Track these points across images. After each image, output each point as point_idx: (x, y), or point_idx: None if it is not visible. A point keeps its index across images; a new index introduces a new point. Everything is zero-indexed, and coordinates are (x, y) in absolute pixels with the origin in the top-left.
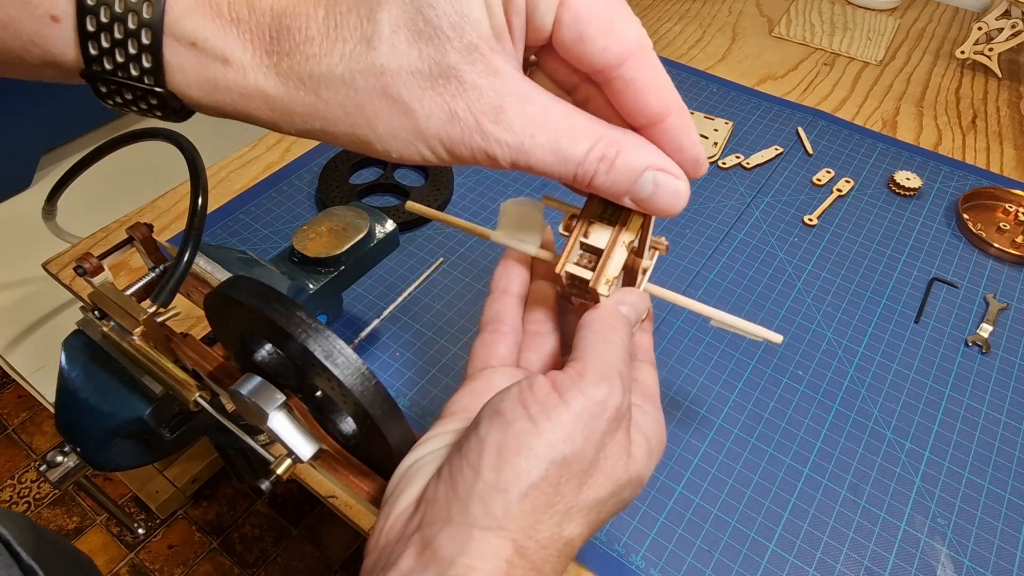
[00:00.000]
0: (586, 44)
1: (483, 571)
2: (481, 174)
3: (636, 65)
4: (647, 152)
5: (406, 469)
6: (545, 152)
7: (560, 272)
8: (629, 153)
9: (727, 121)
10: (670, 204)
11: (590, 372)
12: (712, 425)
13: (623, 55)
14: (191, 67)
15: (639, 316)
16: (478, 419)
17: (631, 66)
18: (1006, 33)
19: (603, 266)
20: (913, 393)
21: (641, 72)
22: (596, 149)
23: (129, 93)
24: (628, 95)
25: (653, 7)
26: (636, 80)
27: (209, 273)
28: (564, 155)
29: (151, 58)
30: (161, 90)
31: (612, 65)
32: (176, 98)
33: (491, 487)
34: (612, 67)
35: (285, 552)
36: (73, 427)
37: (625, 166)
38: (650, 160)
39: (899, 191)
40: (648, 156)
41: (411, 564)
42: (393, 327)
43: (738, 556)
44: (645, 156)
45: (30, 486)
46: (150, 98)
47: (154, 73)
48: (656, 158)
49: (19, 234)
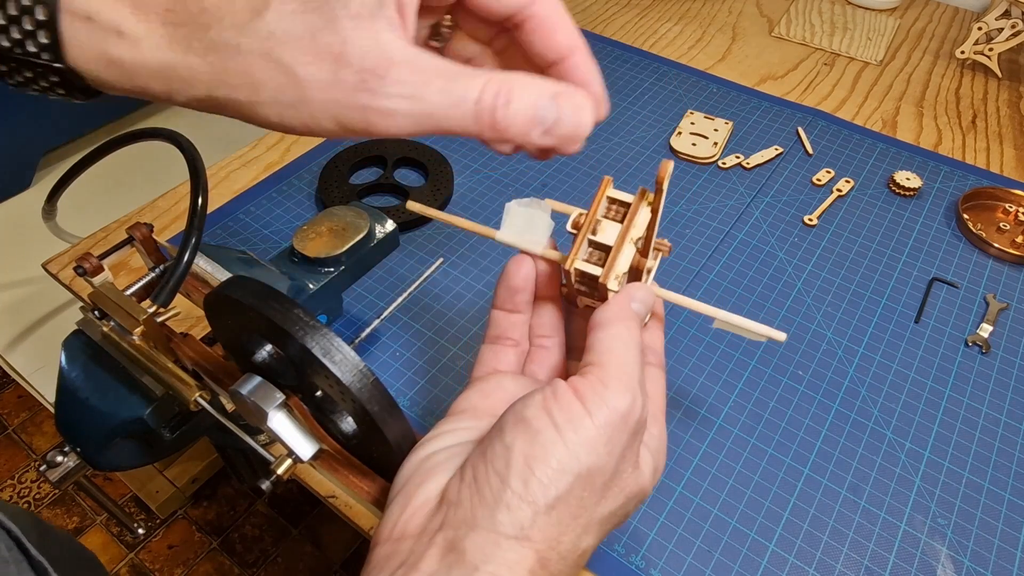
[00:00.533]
0: None
1: None
2: (481, 174)
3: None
4: (540, 81)
5: (420, 461)
6: (440, 96)
7: (570, 269)
8: (524, 84)
9: (727, 121)
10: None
11: (612, 381)
12: (712, 425)
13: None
14: (87, 41)
15: (648, 310)
16: (502, 425)
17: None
18: (1006, 33)
19: (612, 262)
20: (913, 393)
21: (547, 10)
22: (490, 86)
23: (29, 71)
24: (538, 34)
25: (653, 7)
26: (545, 18)
27: (209, 273)
28: (459, 96)
29: (48, 34)
30: (60, 66)
31: (521, 6)
32: (78, 75)
33: (518, 497)
34: (521, 8)
35: (285, 552)
36: (73, 427)
37: (523, 94)
38: (544, 85)
39: (899, 191)
40: (542, 83)
41: (434, 566)
42: (393, 327)
43: (738, 556)
44: (539, 83)
45: (30, 486)
46: (51, 75)
47: (52, 49)
48: (551, 84)
49: (19, 234)
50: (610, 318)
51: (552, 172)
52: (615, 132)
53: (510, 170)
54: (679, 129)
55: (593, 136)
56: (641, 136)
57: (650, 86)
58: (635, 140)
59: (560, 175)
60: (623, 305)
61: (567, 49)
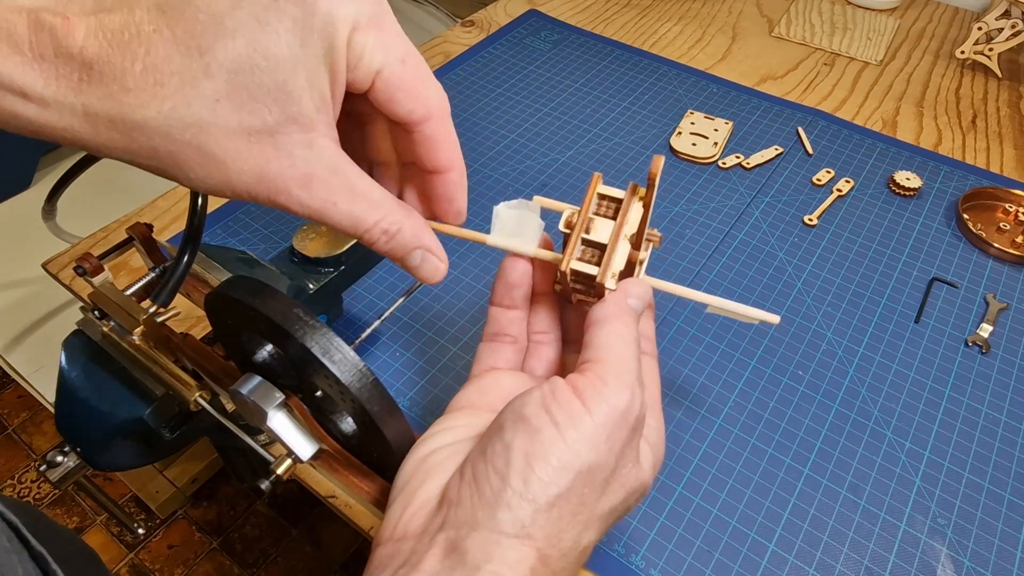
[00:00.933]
0: (395, 105)
1: None
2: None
3: (434, 126)
4: (420, 234)
5: (421, 459)
6: (342, 216)
7: (565, 269)
8: (406, 233)
9: (727, 121)
10: (431, 275)
11: (611, 378)
12: (712, 425)
13: (425, 116)
14: None
15: (645, 305)
16: (501, 423)
17: (429, 126)
18: (1006, 33)
19: (608, 260)
20: (913, 393)
21: (436, 132)
22: (383, 223)
23: None
24: (424, 147)
25: (653, 7)
26: (431, 138)
27: (209, 273)
28: (357, 222)
29: None
30: None
31: (415, 123)
32: None
33: (519, 495)
34: (415, 124)
35: (285, 552)
36: (73, 427)
37: (402, 240)
38: (420, 242)
39: (899, 191)
40: (420, 239)
41: (436, 566)
42: (393, 327)
43: (738, 556)
44: (418, 238)
45: (30, 486)
46: None
47: None
48: (426, 241)
49: (19, 234)
50: (608, 315)
51: (552, 172)
52: (615, 132)
53: (510, 170)
54: (679, 129)
55: (593, 136)
56: (641, 136)
57: (650, 86)
58: (635, 140)
59: (560, 175)
60: (620, 302)
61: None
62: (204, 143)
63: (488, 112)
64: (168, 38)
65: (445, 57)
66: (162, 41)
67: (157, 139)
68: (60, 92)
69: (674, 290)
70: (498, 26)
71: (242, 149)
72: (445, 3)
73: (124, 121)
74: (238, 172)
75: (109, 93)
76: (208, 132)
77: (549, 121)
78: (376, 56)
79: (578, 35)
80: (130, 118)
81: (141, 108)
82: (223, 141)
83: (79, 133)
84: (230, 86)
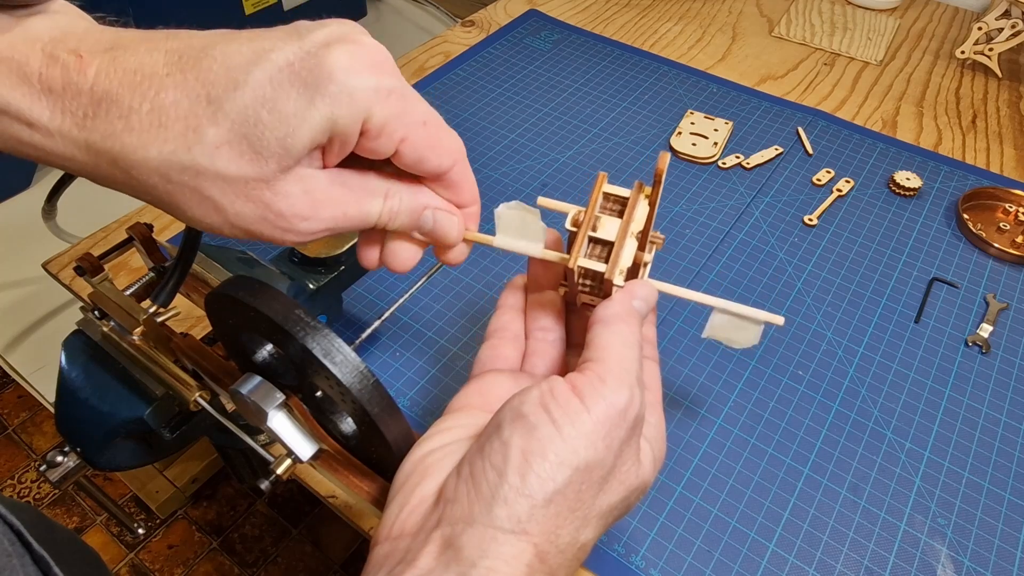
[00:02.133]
0: (424, 164)
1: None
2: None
3: (457, 171)
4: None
5: (419, 459)
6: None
7: (573, 267)
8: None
9: (727, 121)
10: (449, 231)
11: (610, 377)
12: (712, 425)
13: (450, 166)
14: None
15: (650, 308)
16: (498, 421)
17: (454, 172)
18: (1006, 33)
19: (616, 256)
20: (913, 393)
21: (459, 175)
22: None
23: None
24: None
25: (653, 7)
26: (456, 182)
27: (209, 273)
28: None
29: None
30: None
31: (442, 173)
32: None
33: (516, 491)
34: (442, 174)
35: (285, 552)
36: (73, 427)
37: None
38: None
39: (899, 191)
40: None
41: (431, 563)
42: (393, 327)
43: (738, 556)
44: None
45: (30, 486)
46: None
47: None
48: (431, 199)
49: (19, 234)
50: (612, 315)
51: (552, 172)
52: (615, 132)
53: (510, 170)
54: (679, 129)
55: (593, 136)
56: (641, 136)
57: (650, 86)
58: (635, 140)
59: (560, 175)
60: (625, 303)
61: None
62: (200, 186)
63: (488, 112)
64: (180, 83)
65: (445, 57)
66: (173, 85)
67: (155, 178)
68: (65, 125)
69: (680, 293)
70: (498, 26)
71: (240, 194)
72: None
73: (125, 159)
74: (236, 214)
75: (112, 132)
76: (205, 176)
77: (549, 121)
78: (398, 128)
79: (578, 35)
80: (132, 157)
81: (142, 149)
82: (220, 186)
83: (81, 164)
84: (232, 135)
